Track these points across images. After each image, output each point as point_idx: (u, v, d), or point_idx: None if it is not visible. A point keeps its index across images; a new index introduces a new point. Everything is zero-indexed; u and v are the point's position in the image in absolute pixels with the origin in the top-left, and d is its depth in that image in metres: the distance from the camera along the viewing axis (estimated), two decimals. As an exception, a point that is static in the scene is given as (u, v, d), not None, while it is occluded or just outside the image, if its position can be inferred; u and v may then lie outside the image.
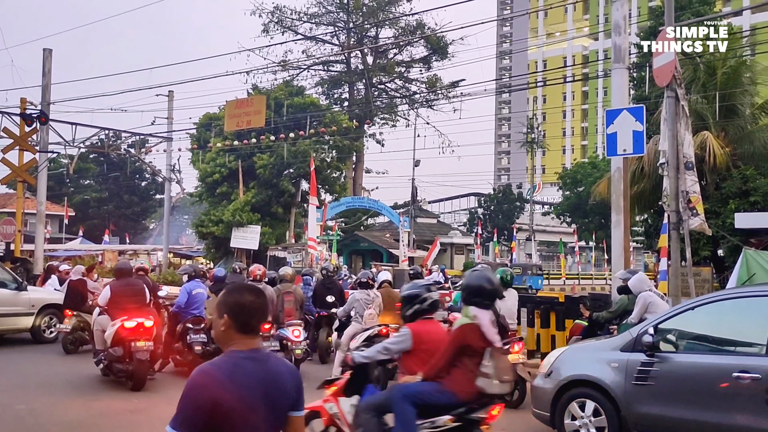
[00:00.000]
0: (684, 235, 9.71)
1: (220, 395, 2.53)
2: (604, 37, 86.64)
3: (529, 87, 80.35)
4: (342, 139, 34.00)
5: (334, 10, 45.19)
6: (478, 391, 5.03)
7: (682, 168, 9.61)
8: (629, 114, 10.44)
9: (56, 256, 32.49)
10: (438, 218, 56.54)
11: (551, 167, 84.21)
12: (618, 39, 11.60)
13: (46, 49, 24.00)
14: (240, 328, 2.72)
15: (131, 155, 31.46)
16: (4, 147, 21.99)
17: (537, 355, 11.99)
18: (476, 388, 5.03)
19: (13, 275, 15.06)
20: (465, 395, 5.04)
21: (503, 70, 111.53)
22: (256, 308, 2.75)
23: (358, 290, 10.70)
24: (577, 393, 6.80)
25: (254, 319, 2.74)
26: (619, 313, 9.17)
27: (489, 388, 5.00)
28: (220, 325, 2.75)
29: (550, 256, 65.60)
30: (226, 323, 2.72)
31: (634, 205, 16.52)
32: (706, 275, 14.25)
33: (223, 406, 2.53)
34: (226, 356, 2.69)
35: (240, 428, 2.57)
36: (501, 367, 5.07)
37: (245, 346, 2.71)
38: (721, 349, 6.29)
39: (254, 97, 29.36)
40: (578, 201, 48.73)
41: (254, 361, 2.68)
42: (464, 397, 5.04)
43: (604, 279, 43.97)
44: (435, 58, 45.40)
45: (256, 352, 2.72)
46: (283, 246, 33.20)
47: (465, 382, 5.05)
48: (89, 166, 56.86)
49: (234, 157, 31.84)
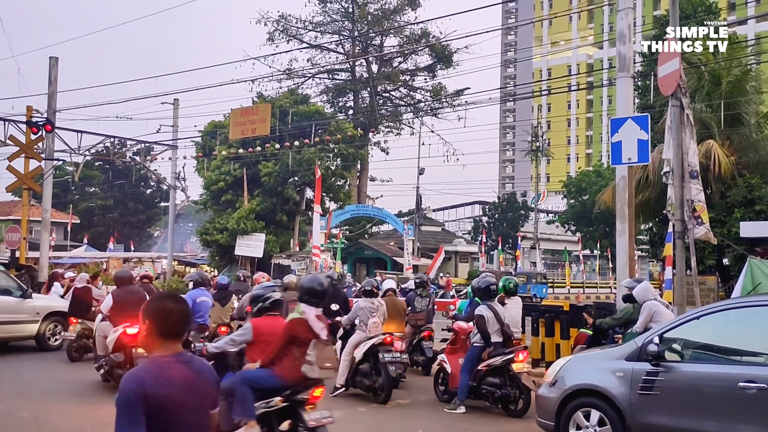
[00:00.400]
0: (689, 243, 9.68)
1: (148, 393, 2.69)
2: (608, 46, 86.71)
3: (533, 95, 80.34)
4: (347, 147, 34.02)
5: (339, 19, 45.38)
6: (302, 376, 5.87)
7: (687, 177, 9.60)
8: (634, 123, 10.44)
9: (61, 263, 32.53)
10: (442, 226, 56.53)
11: (556, 176, 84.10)
12: (623, 48, 11.61)
13: (52, 57, 24.12)
14: (162, 334, 2.87)
15: (136, 163, 31.58)
16: (10, 155, 22.06)
17: (541, 364, 11.96)
18: (301, 374, 5.86)
19: (18, 282, 15.08)
20: (291, 379, 5.86)
21: (508, 78, 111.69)
22: (177, 314, 2.91)
23: (362, 298, 10.69)
24: (582, 402, 6.77)
25: (175, 325, 2.90)
26: (623, 321, 9.14)
27: (311, 373, 5.88)
28: (143, 331, 2.91)
29: (554, 264, 65.54)
30: (149, 329, 2.89)
31: (638, 213, 16.51)
32: (711, 284, 14.21)
33: (151, 404, 2.68)
34: (151, 361, 2.86)
35: (168, 425, 2.73)
36: (322, 356, 5.97)
37: (169, 351, 2.87)
38: (727, 358, 6.25)
39: (259, 106, 29.45)
40: (583, 209, 48.70)
41: (179, 363, 2.86)
42: (290, 381, 5.86)
43: (609, 288, 43.84)
44: (440, 66, 45.51)
45: (180, 356, 2.89)
46: (287, 254, 33.19)
47: (292, 369, 5.87)
48: (94, 173, 56.94)
49: (239, 165, 31.87)
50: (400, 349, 10.04)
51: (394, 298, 11.63)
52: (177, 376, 2.81)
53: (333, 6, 45.03)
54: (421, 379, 11.87)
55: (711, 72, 17.86)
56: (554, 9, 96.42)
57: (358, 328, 10.29)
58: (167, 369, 2.81)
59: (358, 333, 10.25)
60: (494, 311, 9.27)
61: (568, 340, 11.57)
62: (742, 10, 68.07)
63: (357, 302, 10.80)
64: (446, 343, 10.60)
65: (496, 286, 9.65)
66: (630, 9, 11.73)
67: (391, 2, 44.83)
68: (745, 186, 16.42)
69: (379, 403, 9.69)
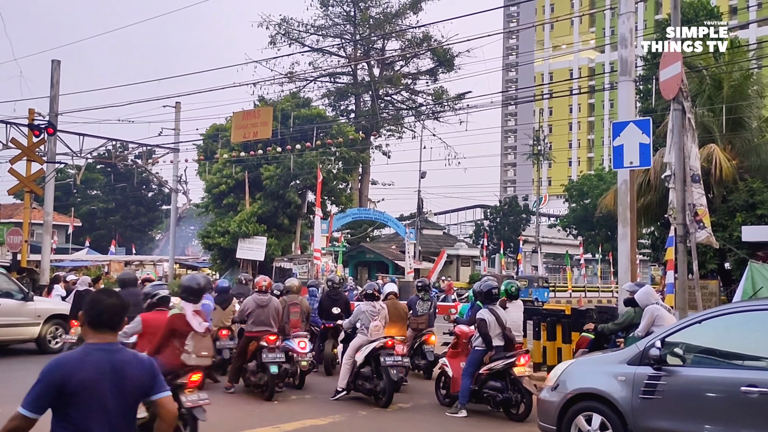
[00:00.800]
0: (691, 247, 9.68)
1: (68, 377, 3.00)
2: (610, 50, 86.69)
3: (535, 99, 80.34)
4: (348, 151, 34.05)
5: (341, 22, 45.46)
6: (182, 363, 6.80)
7: (689, 180, 9.59)
8: (636, 126, 10.44)
9: (63, 266, 32.59)
10: (444, 230, 56.50)
11: (557, 179, 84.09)
12: (624, 52, 11.61)
13: (54, 60, 24.18)
14: (91, 324, 3.20)
15: (138, 166, 31.54)
16: (12, 157, 22.09)
17: (543, 368, 11.96)
18: (180, 361, 6.80)
19: (19, 285, 15.10)
20: (172, 366, 6.67)
21: (509, 82, 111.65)
22: (105, 307, 3.21)
23: (363, 302, 10.68)
24: (584, 406, 6.76)
25: (104, 317, 3.20)
26: (625, 326, 9.13)
27: (189, 361, 6.83)
28: (80, 322, 3.26)
29: (556, 268, 65.41)
30: (81, 319, 3.24)
31: (640, 217, 16.48)
32: (713, 288, 14.19)
33: (69, 387, 2.99)
34: (81, 347, 3.18)
35: (86, 407, 3.03)
36: (199, 346, 6.97)
37: (99, 340, 3.18)
38: (729, 362, 6.24)
39: (261, 109, 29.48)
40: (584, 213, 48.62)
41: (104, 352, 3.14)
42: (171, 368, 6.63)
43: (611, 292, 43.80)
44: (441, 70, 45.56)
45: (110, 345, 3.19)
46: (289, 257, 33.20)
47: (173, 357, 6.79)
48: (96, 176, 57.04)
49: (240, 168, 31.89)
50: (402, 353, 10.02)
51: (395, 302, 11.62)
52: (100, 364, 3.08)
53: (335, 9, 45.14)
54: (423, 382, 11.86)
55: (712, 76, 17.85)
56: (556, 13, 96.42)
57: (360, 331, 10.28)
58: (93, 356, 3.10)
59: (360, 336, 10.24)
60: (496, 315, 9.26)
61: (569, 344, 11.56)
62: (743, 14, 68.15)
63: (358, 305, 10.80)
64: (448, 347, 10.59)
65: (497, 290, 9.65)
66: (632, 13, 11.74)
67: (393, 6, 44.94)
68: (747, 190, 16.40)
69: (381, 406, 9.68)
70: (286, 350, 10.57)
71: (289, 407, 9.69)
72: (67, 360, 3.07)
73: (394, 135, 45.99)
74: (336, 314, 12.76)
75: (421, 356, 12.35)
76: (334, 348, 12.53)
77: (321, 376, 12.22)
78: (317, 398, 10.42)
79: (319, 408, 9.66)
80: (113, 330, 3.24)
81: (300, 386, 11.04)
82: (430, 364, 12.16)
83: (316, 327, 12.99)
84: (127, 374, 3.15)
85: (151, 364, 3.36)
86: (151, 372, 3.29)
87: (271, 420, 8.80)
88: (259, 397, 10.15)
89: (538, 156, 56.88)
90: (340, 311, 12.80)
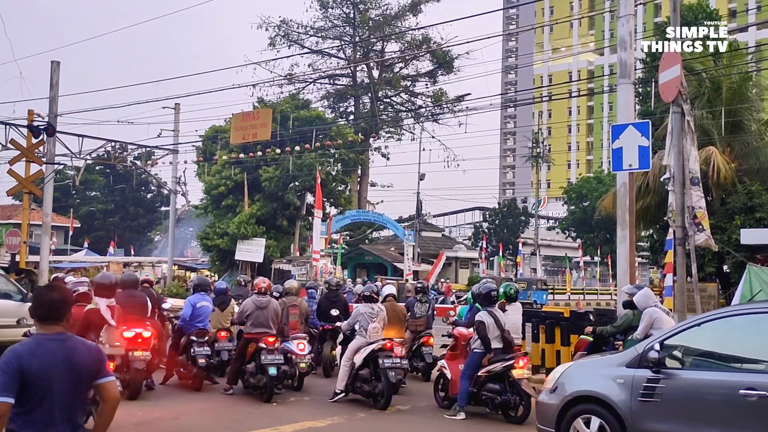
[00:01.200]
0: (690, 250, 9.67)
1: (24, 365, 3.29)
2: (609, 53, 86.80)
3: (534, 102, 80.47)
4: (347, 153, 34.07)
5: (341, 24, 45.52)
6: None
7: (688, 183, 9.59)
8: (635, 129, 10.45)
9: (61, 267, 32.53)
10: (443, 232, 56.51)
11: (556, 182, 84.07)
12: (624, 54, 11.61)
13: (54, 62, 24.12)
14: (38, 317, 3.51)
15: (137, 167, 31.49)
16: (11, 158, 22.05)
17: (542, 371, 11.95)
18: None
19: (17, 286, 15.08)
20: None
21: (509, 84, 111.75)
22: (48, 301, 3.50)
23: (362, 304, 10.68)
24: (583, 409, 6.75)
25: (48, 310, 3.49)
26: (623, 329, 9.13)
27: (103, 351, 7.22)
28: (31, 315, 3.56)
29: (555, 270, 65.48)
30: (30, 313, 3.55)
31: (639, 220, 16.48)
32: (711, 291, 14.21)
33: (27, 373, 3.28)
34: (32, 338, 3.52)
35: (42, 391, 3.33)
36: (112, 337, 8.56)
37: (48, 331, 3.48)
38: (728, 365, 6.24)
39: (260, 110, 29.48)
40: (583, 216, 48.69)
41: (54, 341, 3.44)
42: None
43: (609, 294, 43.80)
44: (441, 72, 45.63)
45: (59, 335, 3.48)
46: (287, 259, 33.21)
47: None
48: (95, 177, 56.98)
49: (239, 170, 31.89)
50: (400, 355, 10.01)
51: (394, 304, 11.63)
52: (51, 352, 3.39)
53: (334, 11, 45.21)
54: (421, 384, 11.85)
55: (712, 79, 17.86)
56: (555, 15, 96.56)
57: (358, 333, 10.28)
58: (43, 346, 3.41)
59: (358, 338, 10.23)
60: (495, 317, 9.26)
61: (568, 347, 11.55)
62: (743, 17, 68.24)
63: (357, 307, 10.79)
64: (446, 349, 10.58)
65: (496, 292, 9.65)
66: (631, 16, 11.74)
67: (392, 8, 44.98)
68: (746, 193, 16.40)
69: (379, 408, 9.67)
70: (285, 352, 10.56)
71: (288, 409, 9.68)
72: (21, 352, 3.35)
73: (393, 137, 46.08)
74: (335, 316, 12.76)
75: (419, 358, 12.34)
76: (332, 350, 12.52)
77: (320, 377, 12.21)
78: (316, 400, 10.42)
79: (317, 410, 9.65)
80: (58, 321, 3.52)
81: (299, 388, 11.03)
82: (429, 366, 12.15)
83: (315, 329, 12.98)
84: (77, 360, 3.46)
85: (99, 350, 3.67)
86: (99, 358, 3.60)
87: (270, 422, 8.80)
88: (257, 399, 10.14)
89: (537, 158, 56.96)
90: (338, 313, 12.80)
